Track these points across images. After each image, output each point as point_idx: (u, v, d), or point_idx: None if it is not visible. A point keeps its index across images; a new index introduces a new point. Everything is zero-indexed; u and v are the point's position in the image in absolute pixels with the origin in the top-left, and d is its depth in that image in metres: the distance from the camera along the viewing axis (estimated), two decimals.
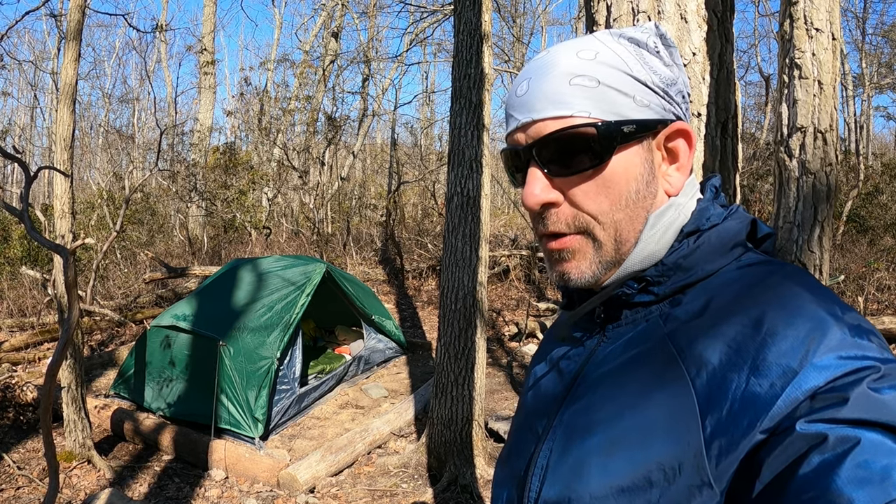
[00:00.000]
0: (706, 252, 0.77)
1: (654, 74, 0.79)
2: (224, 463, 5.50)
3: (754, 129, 19.23)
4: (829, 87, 2.50)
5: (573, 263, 0.80)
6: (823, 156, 2.52)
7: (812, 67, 2.51)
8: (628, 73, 0.77)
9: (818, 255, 2.55)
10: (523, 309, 11.39)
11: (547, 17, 27.45)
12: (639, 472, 0.67)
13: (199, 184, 16.48)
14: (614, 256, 0.79)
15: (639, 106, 0.77)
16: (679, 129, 0.81)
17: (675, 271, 0.78)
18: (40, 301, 10.12)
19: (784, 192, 2.58)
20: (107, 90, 29.43)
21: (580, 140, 0.75)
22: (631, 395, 0.72)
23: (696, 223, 0.79)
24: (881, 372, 0.59)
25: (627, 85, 0.77)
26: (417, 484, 5.38)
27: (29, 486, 5.10)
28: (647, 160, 0.79)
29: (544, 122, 0.77)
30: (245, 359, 6.00)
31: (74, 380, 5.33)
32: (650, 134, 0.79)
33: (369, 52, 20.45)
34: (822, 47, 2.49)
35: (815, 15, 2.50)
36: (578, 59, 0.78)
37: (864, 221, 14.03)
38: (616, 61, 0.78)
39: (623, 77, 0.77)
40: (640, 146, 0.78)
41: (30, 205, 3.30)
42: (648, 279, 0.79)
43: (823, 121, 2.51)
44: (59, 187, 5.30)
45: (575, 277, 0.80)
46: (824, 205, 2.53)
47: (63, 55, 5.45)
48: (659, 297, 0.79)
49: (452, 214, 5.42)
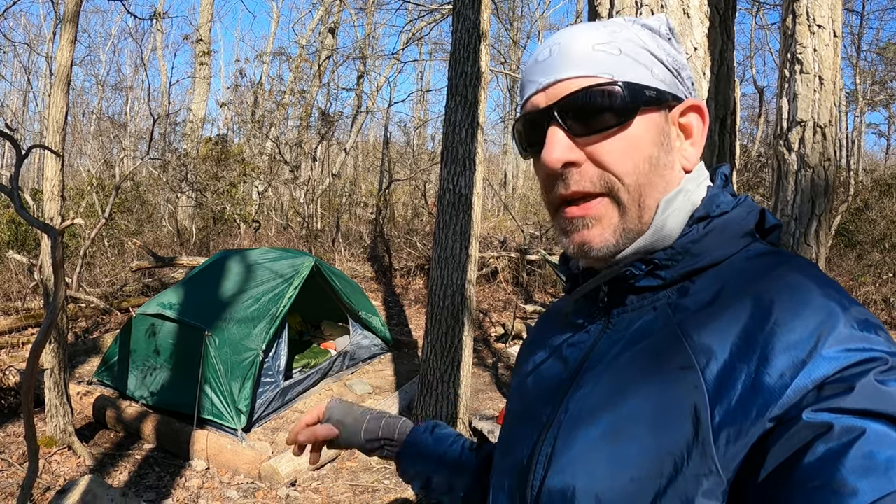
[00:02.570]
0: (715, 238, 0.77)
1: (668, 56, 0.82)
2: (206, 453, 5.47)
3: (746, 141, 19.32)
4: (829, 82, 2.51)
5: (596, 230, 0.79)
6: (822, 150, 2.54)
7: (813, 63, 2.52)
8: (646, 48, 0.80)
9: (815, 249, 2.56)
10: (510, 311, 11.41)
11: (544, 21, 27.55)
12: (647, 460, 0.66)
13: (190, 174, 16.39)
14: (637, 225, 0.78)
15: (655, 79, 0.79)
16: (693, 105, 0.82)
17: (684, 256, 0.78)
18: (26, 286, 10.03)
19: (782, 186, 2.59)
20: (101, 77, 29.18)
21: (606, 97, 0.76)
22: (639, 384, 0.72)
23: (706, 209, 0.79)
24: (889, 364, 0.60)
25: (646, 58, 0.79)
26: (399, 480, 5.37)
27: (8, 469, 5.06)
28: (665, 131, 0.80)
29: (567, 82, 0.77)
30: (230, 350, 5.97)
31: (57, 364, 5.29)
32: (666, 106, 0.80)
33: (365, 49, 20.43)
34: (823, 43, 2.50)
35: (818, 11, 2.51)
36: (602, 32, 0.80)
37: (853, 236, 14.14)
38: (635, 38, 0.80)
39: (642, 51, 0.79)
40: (658, 114, 0.80)
41: (19, 187, 3.27)
42: (656, 262, 0.78)
43: (823, 116, 2.52)
44: (49, 169, 5.26)
45: (598, 245, 0.79)
46: (822, 199, 2.53)
47: (59, 37, 5.41)
48: (666, 281, 0.78)
49: (444, 211, 5.42)
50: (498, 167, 31.21)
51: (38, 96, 28.93)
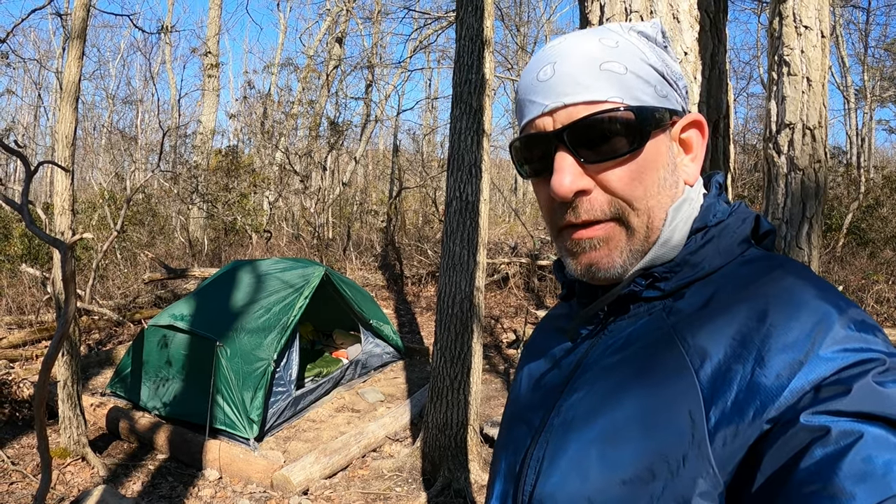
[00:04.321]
0: (713, 248, 0.77)
1: (667, 67, 0.81)
2: (218, 463, 5.50)
3: (756, 142, 19.23)
4: (817, 83, 2.51)
5: (603, 252, 0.77)
6: (812, 152, 2.53)
7: (801, 64, 2.51)
8: (648, 62, 0.78)
9: (807, 252, 2.55)
10: (522, 316, 11.39)
11: (551, 26, 27.56)
12: (641, 463, 0.66)
13: (201, 186, 16.51)
14: (644, 245, 0.77)
15: (659, 96, 0.78)
16: (693, 120, 0.82)
17: (683, 267, 0.78)
18: (39, 299, 10.12)
19: (772, 189, 2.59)
20: (111, 91, 29.44)
21: (617, 124, 0.74)
22: (633, 387, 0.72)
23: (703, 219, 0.79)
24: (886, 365, 0.59)
25: (650, 75, 0.78)
26: (411, 488, 5.37)
27: (23, 481, 5.10)
28: (670, 149, 0.80)
29: (577, 107, 0.75)
30: (242, 360, 6.00)
31: (70, 376, 5.33)
32: (669, 124, 0.80)
33: (373, 58, 20.52)
34: (810, 44, 2.50)
35: (804, 13, 2.51)
36: (603, 46, 0.77)
37: (865, 234, 14.04)
38: (637, 51, 0.78)
39: (646, 67, 0.78)
40: (665, 135, 0.79)
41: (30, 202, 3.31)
42: (656, 275, 0.78)
43: (812, 117, 2.52)
44: (59, 184, 5.32)
45: (605, 267, 0.78)
46: (813, 201, 2.53)
47: (67, 53, 5.48)
48: (665, 293, 0.78)
49: (451, 219, 5.44)
50: (508, 173, 31.18)
51: (48, 111, 29.26)
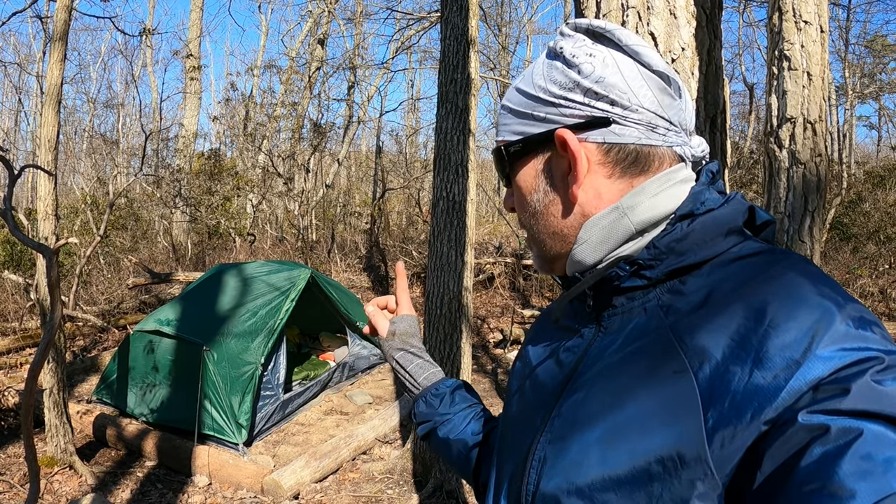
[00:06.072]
0: (699, 236, 0.76)
1: (555, 83, 0.81)
2: (207, 469, 5.46)
3: (738, 139, 19.37)
4: (818, 78, 2.52)
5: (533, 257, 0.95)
6: (813, 146, 2.54)
7: (801, 59, 2.52)
8: (530, 92, 0.84)
9: (809, 245, 2.56)
10: (508, 316, 11.41)
11: (532, 26, 27.64)
12: (639, 464, 0.66)
13: (184, 190, 16.40)
14: (543, 252, 0.89)
15: (537, 121, 0.84)
16: (556, 135, 0.81)
17: (668, 254, 0.77)
18: (22, 306, 10.02)
19: (774, 183, 2.59)
20: (92, 95, 29.19)
21: (497, 161, 0.91)
22: (631, 388, 0.71)
23: (690, 206, 0.78)
24: (885, 363, 0.59)
25: (523, 103, 0.85)
26: (403, 490, 5.36)
27: (10, 491, 5.04)
28: (546, 171, 0.85)
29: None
30: (229, 364, 5.96)
31: (56, 384, 5.27)
32: (547, 145, 0.84)
33: (355, 59, 20.47)
34: (810, 39, 2.51)
35: (804, 7, 2.52)
36: (517, 86, 0.89)
37: (847, 229, 14.19)
38: (526, 83, 0.86)
39: (522, 96, 0.86)
40: (536, 160, 0.85)
41: (13, 207, 3.27)
42: (640, 262, 0.78)
43: (813, 111, 2.53)
44: (43, 189, 5.26)
45: (537, 268, 0.94)
46: (815, 195, 2.53)
47: (49, 56, 5.42)
48: (651, 280, 0.78)
49: (438, 219, 5.43)
50: (491, 173, 31.18)
51: (29, 115, 28.95)
